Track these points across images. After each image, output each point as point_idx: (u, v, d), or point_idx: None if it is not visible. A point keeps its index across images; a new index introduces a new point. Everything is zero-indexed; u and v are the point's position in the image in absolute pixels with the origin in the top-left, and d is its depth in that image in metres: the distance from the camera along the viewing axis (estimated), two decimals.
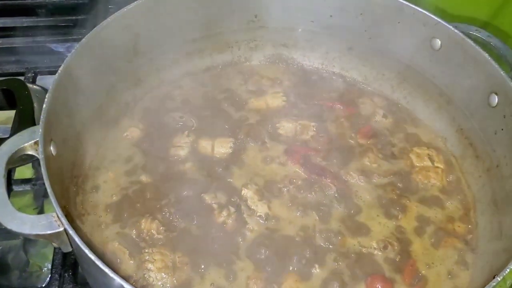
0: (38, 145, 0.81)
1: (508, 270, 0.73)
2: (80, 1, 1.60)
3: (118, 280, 0.67)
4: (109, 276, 0.68)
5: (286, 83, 1.30)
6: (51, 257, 1.04)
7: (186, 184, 1.05)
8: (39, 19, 1.56)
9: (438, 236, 1.02)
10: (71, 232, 0.69)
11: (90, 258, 0.70)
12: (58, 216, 0.72)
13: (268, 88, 1.28)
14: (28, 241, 1.15)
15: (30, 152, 0.82)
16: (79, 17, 1.55)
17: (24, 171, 1.23)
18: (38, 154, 0.79)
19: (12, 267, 1.13)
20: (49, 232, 0.72)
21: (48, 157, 0.82)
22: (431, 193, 1.09)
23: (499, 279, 0.73)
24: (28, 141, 0.82)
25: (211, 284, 0.92)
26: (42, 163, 0.77)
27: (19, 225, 0.72)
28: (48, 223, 0.72)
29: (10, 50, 1.48)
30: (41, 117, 0.83)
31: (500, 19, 1.27)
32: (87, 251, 0.68)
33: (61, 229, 0.72)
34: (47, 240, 0.74)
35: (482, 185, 1.08)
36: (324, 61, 1.34)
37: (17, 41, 1.49)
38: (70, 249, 0.78)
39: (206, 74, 1.30)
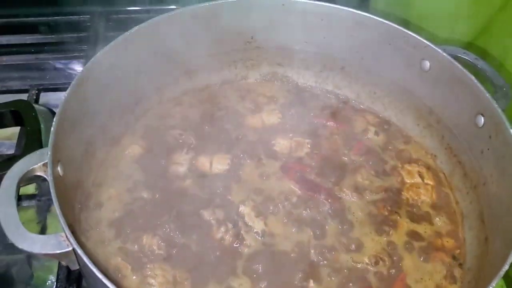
0: (46, 166, 0.84)
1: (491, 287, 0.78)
2: (82, 18, 1.65)
3: None
4: None
5: (281, 101, 1.34)
6: (55, 270, 1.07)
7: (186, 201, 1.09)
8: (41, 36, 1.61)
9: (427, 251, 1.06)
10: (79, 251, 0.74)
11: (97, 276, 0.73)
12: (66, 236, 0.76)
13: (264, 106, 1.32)
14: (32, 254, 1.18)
15: (38, 173, 0.86)
16: (81, 34, 1.60)
17: (28, 188, 1.26)
18: (47, 175, 0.83)
19: (16, 280, 1.16)
20: (58, 252, 0.76)
21: (56, 178, 0.86)
22: (421, 209, 1.13)
23: None
24: (37, 163, 0.86)
25: None
26: (51, 185, 0.81)
27: (30, 245, 0.76)
28: (57, 243, 0.76)
29: (14, 67, 1.52)
30: (50, 139, 0.87)
31: (483, 40, 1.32)
32: (95, 270, 0.72)
33: (70, 248, 0.76)
34: (56, 259, 0.78)
35: (470, 202, 1.12)
36: (318, 79, 1.38)
37: (20, 58, 1.54)
38: (78, 267, 0.82)
39: (204, 92, 1.35)
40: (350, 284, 0.99)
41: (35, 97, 1.37)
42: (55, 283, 1.05)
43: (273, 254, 1.03)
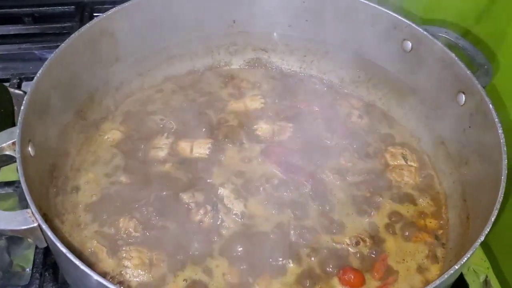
0: (15, 145, 0.83)
1: (465, 258, 0.76)
2: (66, 10, 1.64)
3: (90, 273, 0.70)
4: (82, 270, 0.71)
5: (265, 86, 1.33)
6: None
7: (165, 184, 1.08)
8: (25, 27, 1.60)
9: (410, 231, 1.05)
10: (44, 227, 0.72)
11: (63, 253, 0.72)
12: (32, 212, 0.74)
13: (247, 91, 1.31)
14: (11, 243, 1.17)
15: (8, 153, 0.85)
16: (65, 24, 1.59)
17: (9, 175, 1.25)
18: (15, 154, 0.82)
19: None
20: (23, 227, 0.75)
21: (25, 157, 0.85)
22: (403, 191, 1.12)
23: (456, 267, 0.75)
24: (6, 142, 0.84)
25: (185, 280, 0.94)
26: (18, 161, 0.80)
27: None
28: (23, 219, 0.75)
29: None
30: (19, 117, 0.86)
31: (479, 28, 1.30)
32: (59, 244, 0.70)
33: (35, 224, 0.75)
34: (22, 236, 0.76)
35: (453, 182, 1.11)
36: (302, 64, 1.37)
37: (4, 48, 1.53)
38: (45, 245, 0.80)
39: (187, 78, 1.33)
40: (330, 265, 0.97)
41: (16, 86, 1.36)
42: (31, 269, 1.04)
43: (252, 235, 1.01)
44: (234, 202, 1.06)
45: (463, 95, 1.05)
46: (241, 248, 0.99)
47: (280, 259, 0.98)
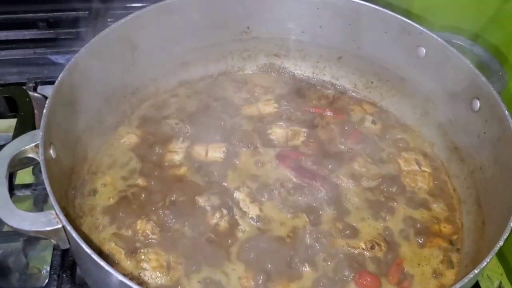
0: (38, 148, 0.84)
1: (485, 263, 0.77)
2: (81, 15, 1.65)
3: (114, 273, 0.71)
4: (105, 270, 0.72)
5: (278, 91, 1.34)
6: (49, 260, 1.07)
7: (181, 188, 1.09)
8: (40, 31, 1.61)
9: (424, 236, 1.05)
10: (69, 228, 0.73)
11: (87, 253, 0.73)
12: (56, 214, 0.75)
13: (260, 96, 1.32)
14: (28, 244, 1.18)
15: (30, 155, 0.86)
16: (80, 29, 1.60)
17: (24, 177, 1.27)
18: (38, 156, 0.83)
19: (12, 270, 1.16)
20: (48, 228, 0.76)
21: (48, 159, 0.86)
22: (418, 196, 1.13)
23: (476, 272, 0.76)
24: (29, 144, 0.86)
25: (200, 282, 0.95)
26: (42, 164, 0.81)
27: (19, 222, 0.76)
28: (47, 220, 0.76)
29: (12, 62, 1.53)
30: (42, 121, 0.87)
31: (489, 33, 1.31)
32: (84, 245, 0.71)
33: (60, 226, 0.76)
34: (46, 237, 0.77)
35: (467, 187, 1.11)
36: (315, 70, 1.38)
37: (19, 53, 1.55)
38: (68, 246, 0.81)
39: (201, 83, 1.35)
40: (346, 269, 0.98)
41: (32, 89, 1.37)
42: (49, 270, 1.05)
43: (267, 239, 1.02)
44: (250, 206, 1.07)
45: (478, 101, 1.06)
46: (257, 252, 0.99)
47: (296, 263, 0.98)
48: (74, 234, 0.72)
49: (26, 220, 0.76)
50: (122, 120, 1.22)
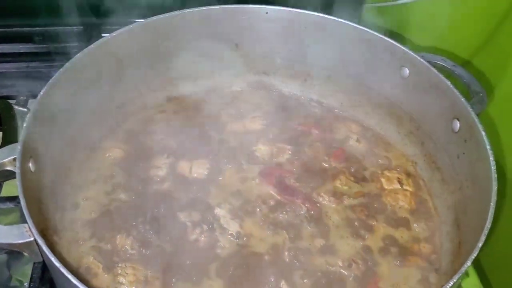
0: (16, 161, 0.86)
1: (451, 283, 0.77)
2: (75, 29, 1.68)
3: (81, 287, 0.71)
4: (74, 284, 0.73)
5: (265, 108, 1.35)
6: None
7: (163, 203, 1.09)
8: (35, 45, 1.64)
9: (403, 255, 1.05)
10: (39, 241, 0.74)
11: (57, 268, 0.74)
12: (29, 227, 0.76)
13: (247, 113, 1.33)
14: (11, 258, 1.19)
15: (9, 168, 0.88)
16: (74, 44, 1.63)
17: (12, 190, 1.28)
18: (15, 169, 0.84)
19: None
20: (20, 241, 0.77)
21: (25, 172, 0.87)
22: (398, 215, 1.13)
23: None
24: (7, 157, 0.87)
25: None
26: (17, 177, 0.82)
27: None
28: (19, 233, 0.77)
29: (5, 75, 1.55)
30: (21, 134, 0.89)
31: (474, 56, 1.32)
32: (53, 259, 0.72)
33: (31, 239, 0.77)
34: (18, 250, 0.78)
35: (448, 207, 1.12)
36: (303, 88, 1.40)
37: (12, 66, 1.57)
38: (41, 259, 0.82)
39: (189, 99, 1.36)
40: (323, 287, 0.98)
41: (22, 103, 1.39)
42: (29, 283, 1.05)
43: (247, 255, 1.02)
44: (230, 222, 1.07)
45: (458, 122, 1.07)
46: (236, 268, 1.00)
47: (274, 280, 0.99)
48: (44, 248, 0.73)
49: None
50: (108, 134, 1.23)
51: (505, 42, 1.29)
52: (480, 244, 0.81)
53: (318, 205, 1.13)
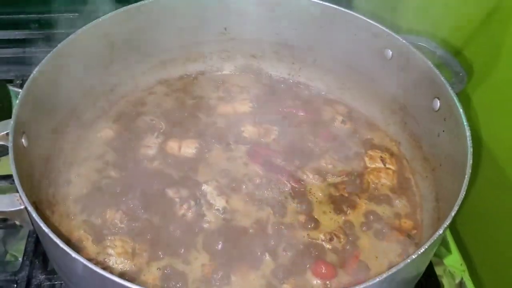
0: (9, 135, 0.89)
1: (423, 249, 0.80)
2: (71, 16, 1.71)
3: (69, 252, 0.75)
4: (61, 248, 0.76)
5: (254, 91, 1.39)
6: None
7: (152, 180, 1.13)
8: (30, 32, 1.67)
9: (384, 230, 1.09)
10: (29, 209, 0.78)
11: (46, 234, 0.77)
12: (20, 196, 0.80)
13: (236, 95, 1.37)
14: (7, 234, 1.24)
15: (2, 142, 0.91)
16: (70, 30, 1.65)
17: (8, 169, 1.32)
18: (8, 143, 0.88)
19: None
20: (11, 209, 0.81)
21: (18, 147, 0.91)
22: (381, 192, 1.17)
23: (408, 261, 0.79)
24: (1, 132, 0.91)
25: (162, 269, 0.99)
26: (10, 149, 0.86)
27: None
28: (10, 202, 0.81)
29: (2, 60, 1.59)
30: (14, 110, 0.92)
31: (455, 37, 1.35)
32: (42, 224, 0.76)
33: (22, 207, 0.80)
34: (10, 218, 0.82)
35: (429, 185, 1.15)
36: (290, 71, 1.43)
37: (9, 52, 1.61)
38: (32, 227, 0.86)
39: (179, 82, 1.40)
40: (304, 259, 1.02)
41: (19, 86, 1.43)
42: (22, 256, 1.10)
43: (232, 229, 1.06)
44: (217, 198, 1.11)
45: (438, 101, 1.10)
46: (221, 241, 1.03)
47: (258, 252, 1.02)
48: (34, 215, 0.77)
49: None
50: (100, 115, 1.27)
51: (496, 29, 1.31)
52: (453, 213, 0.84)
53: (302, 182, 1.16)
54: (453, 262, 1.25)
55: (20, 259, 1.18)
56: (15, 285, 1.05)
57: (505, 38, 1.22)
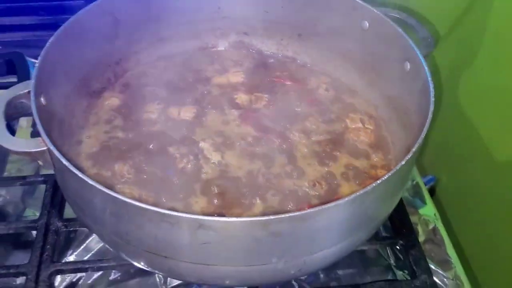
0: (30, 94, 1.03)
1: (399, 166, 0.95)
2: (76, 3, 1.85)
3: (88, 181, 0.88)
4: (79, 178, 0.89)
5: (246, 65, 1.52)
6: None
7: (155, 140, 1.27)
8: (40, 18, 1.81)
9: (362, 179, 1.22)
10: (52, 148, 0.91)
11: (67, 168, 0.90)
12: (43, 139, 0.94)
13: (230, 68, 1.51)
14: (26, 193, 1.38)
15: (23, 100, 1.05)
16: None
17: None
18: (29, 101, 1.01)
19: (11, 214, 1.35)
20: (35, 150, 0.94)
21: (39, 104, 1.04)
22: (359, 148, 1.30)
23: (378, 182, 0.93)
24: (23, 90, 1.04)
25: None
26: (32, 104, 0.99)
27: (11, 144, 0.94)
28: (35, 144, 0.94)
29: (13, 43, 1.73)
30: (34, 72, 1.06)
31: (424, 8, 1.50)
32: (63, 160, 0.89)
33: (45, 148, 0.94)
34: (33, 158, 0.96)
35: (402, 139, 1.29)
36: (279, 46, 1.57)
37: (20, 35, 1.75)
38: (52, 168, 0.99)
39: (178, 57, 1.53)
40: (290, 202, 1.15)
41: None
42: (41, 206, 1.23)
43: (226, 179, 1.20)
44: (213, 154, 1.25)
45: (408, 63, 1.23)
46: (217, 188, 1.17)
47: (249, 197, 1.16)
48: (56, 153, 0.90)
49: (17, 143, 0.95)
50: (107, 86, 1.40)
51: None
52: (420, 141, 0.98)
53: (289, 140, 1.30)
54: (428, 212, 1.39)
55: (38, 214, 1.32)
56: (35, 231, 1.19)
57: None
